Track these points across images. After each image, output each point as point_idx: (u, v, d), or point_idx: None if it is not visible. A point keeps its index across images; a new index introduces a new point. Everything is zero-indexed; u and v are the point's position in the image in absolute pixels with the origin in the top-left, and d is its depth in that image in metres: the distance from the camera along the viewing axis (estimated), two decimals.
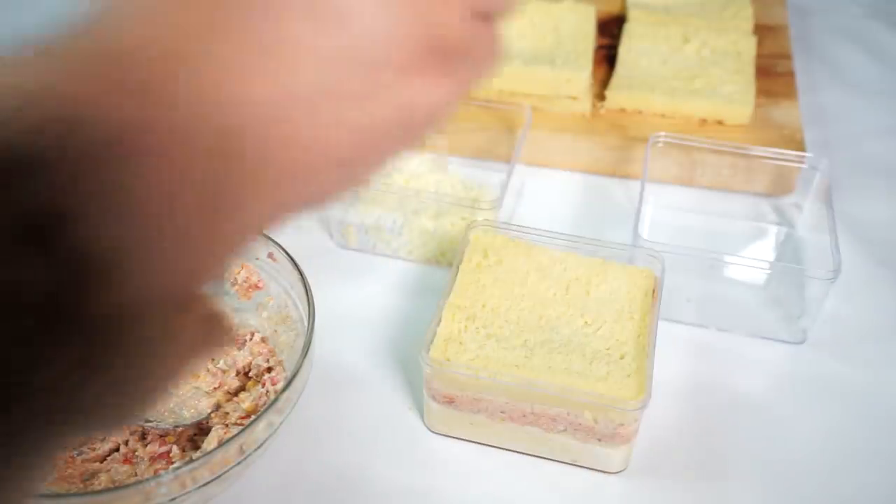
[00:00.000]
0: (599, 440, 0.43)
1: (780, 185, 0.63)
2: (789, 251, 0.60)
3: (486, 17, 0.24)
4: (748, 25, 0.74)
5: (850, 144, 0.70)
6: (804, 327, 0.53)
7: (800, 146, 0.64)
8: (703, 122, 0.66)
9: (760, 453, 0.46)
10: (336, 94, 0.21)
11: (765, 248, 0.60)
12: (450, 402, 0.45)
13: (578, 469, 0.45)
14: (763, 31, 0.76)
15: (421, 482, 0.45)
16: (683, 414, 0.48)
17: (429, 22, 0.22)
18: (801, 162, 0.60)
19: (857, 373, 0.51)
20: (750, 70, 0.68)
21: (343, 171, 0.22)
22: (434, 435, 0.47)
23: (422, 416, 0.48)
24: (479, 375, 0.42)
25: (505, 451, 0.46)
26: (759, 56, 0.71)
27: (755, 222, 0.62)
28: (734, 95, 0.66)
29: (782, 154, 0.60)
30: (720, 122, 0.66)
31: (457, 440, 0.47)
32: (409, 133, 0.23)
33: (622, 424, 0.42)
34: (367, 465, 0.46)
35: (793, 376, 0.51)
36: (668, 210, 0.63)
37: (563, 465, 0.45)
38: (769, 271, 0.54)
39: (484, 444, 0.46)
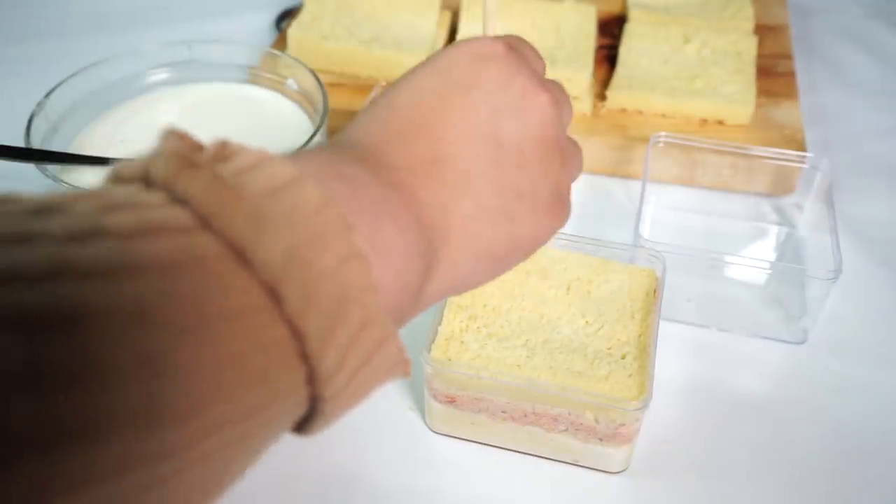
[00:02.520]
0: (600, 440, 0.43)
1: (781, 185, 0.63)
2: (790, 251, 0.60)
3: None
4: (749, 25, 0.74)
5: (851, 144, 0.70)
6: (805, 327, 0.53)
7: (800, 146, 0.64)
8: (704, 122, 0.66)
9: (761, 453, 0.46)
10: (502, 213, 0.30)
11: (765, 248, 0.60)
12: (451, 401, 0.45)
13: (579, 469, 0.45)
14: (763, 31, 0.76)
15: (421, 482, 0.45)
16: (684, 414, 0.48)
17: (557, 176, 0.33)
18: (802, 162, 0.60)
19: (857, 373, 0.51)
20: (750, 70, 0.68)
21: (496, 266, 0.31)
22: (435, 435, 0.47)
23: (422, 416, 0.48)
24: (481, 375, 0.42)
25: (506, 451, 0.46)
26: (760, 56, 0.71)
27: (756, 222, 0.62)
28: (735, 95, 0.66)
29: (783, 154, 0.60)
30: (721, 122, 0.66)
31: (458, 440, 0.47)
32: (534, 246, 0.33)
33: (623, 424, 0.42)
34: (368, 465, 0.46)
35: (793, 376, 0.51)
36: (668, 210, 0.63)
37: (564, 465, 0.45)
38: (770, 271, 0.54)
39: (485, 444, 0.46)
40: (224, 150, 0.23)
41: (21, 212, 0.20)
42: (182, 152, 0.22)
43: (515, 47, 0.33)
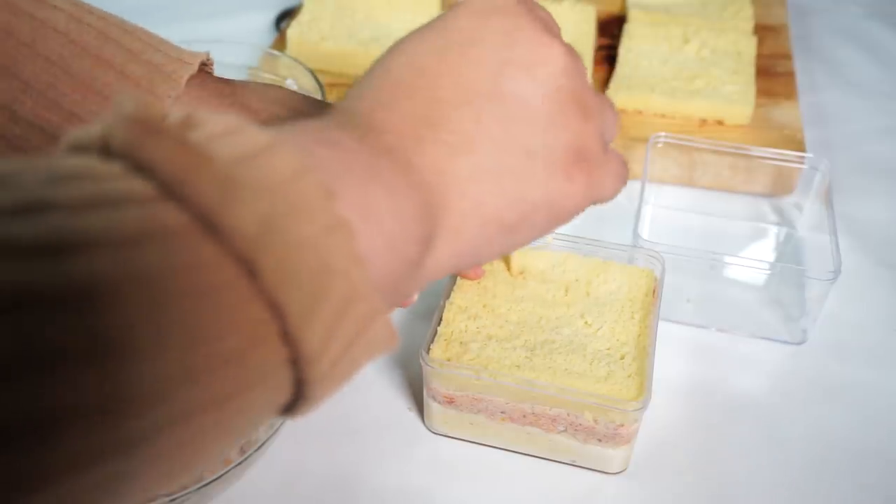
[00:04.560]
0: (600, 440, 0.43)
1: (781, 186, 0.63)
2: (789, 251, 0.60)
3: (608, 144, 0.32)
4: (748, 25, 0.74)
5: (851, 144, 0.70)
6: (804, 327, 0.53)
7: (800, 146, 0.64)
8: (704, 122, 0.66)
9: (760, 453, 0.47)
10: (508, 174, 0.28)
11: (765, 249, 0.60)
12: (450, 402, 0.45)
13: (579, 469, 0.45)
14: (763, 31, 0.76)
15: (421, 482, 0.45)
16: (684, 414, 0.48)
17: (577, 134, 0.29)
18: (802, 162, 0.60)
19: (857, 373, 0.51)
20: (750, 70, 0.68)
21: (506, 236, 0.29)
22: (434, 435, 0.47)
23: (422, 417, 0.48)
24: (480, 376, 0.42)
25: (505, 452, 0.46)
26: (760, 56, 0.71)
27: (755, 222, 0.62)
28: (734, 95, 0.66)
29: (782, 154, 0.60)
30: (720, 123, 0.66)
31: (457, 440, 0.47)
32: (552, 220, 0.30)
33: (622, 425, 0.42)
34: (367, 466, 0.46)
35: (793, 376, 0.51)
36: (668, 210, 0.63)
37: (563, 465, 0.45)
38: (769, 272, 0.54)
39: (484, 445, 0.46)
40: (192, 119, 0.21)
41: None
42: (144, 117, 0.20)
43: (525, 2, 0.31)
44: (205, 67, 0.38)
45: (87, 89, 0.35)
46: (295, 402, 0.22)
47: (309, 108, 0.41)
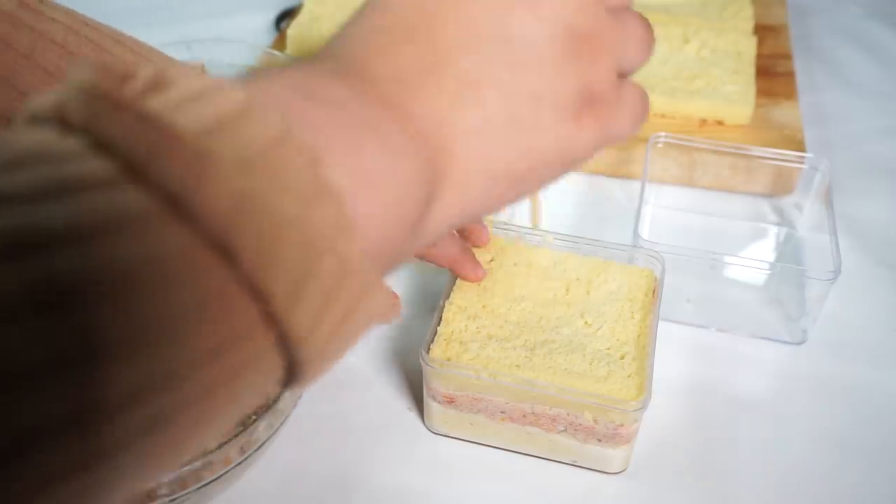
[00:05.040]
0: (599, 440, 0.43)
1: (781, 186, 0.63)
2: (789, 251, 0.60)
3: (626, 76, 0.30)
4: (748, 25, 0.74)
5: (851, 144, 0.70)
6: (804, 327, 0.53)
7: (800, 146, 0.64)
8: (703, 122, 0.66)
9: (760, 453, 0.47)
10: (516, 122, 0.26)
11: (765, 249, 0.60)
12: (450, 402, 0.45)
13: (578, 469, 0.45)
14: (763, 31, 0.76)
15: (421, 482, 0.45)
16: (683, 414, 0.48)
17: (587, 76, 0.27)
18: (802, 162, 0.60)
19: (857, 373, 0.51)
20: (750, 70, 0.68)
21: (515, 187, 0.27)
22: (434, 435, 0.47)
23: (422, 417, 0.48)
24: (480, 376, 0.42)
25: (505, 452, 0.46)
26: (760, 56, 0.71)
27: (755, 222, 0.62)
28: (734, 95, 0.66)
29: (782, 154, 0.60)
30: (720, 123, 0.66)
31: (457, 440, 0.47)
32: (564, 166, 0.28)
33: (622, 425, 0.42)
34: (367, 466, 0.46)
35: (793, 376, 0.51)
36: (668, 210, 0.63)
37: (563, 465, 0.45)
38: (769, 272, 0.54)
39: (484, 445, 0.46)
40: (158, 80, 0.19)
41: None
42: (104, 85, 0.18)
43: None
44: None
45: None
46: (290, 379, 0.21)
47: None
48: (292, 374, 0.21)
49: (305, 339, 0.20)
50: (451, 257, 0.47)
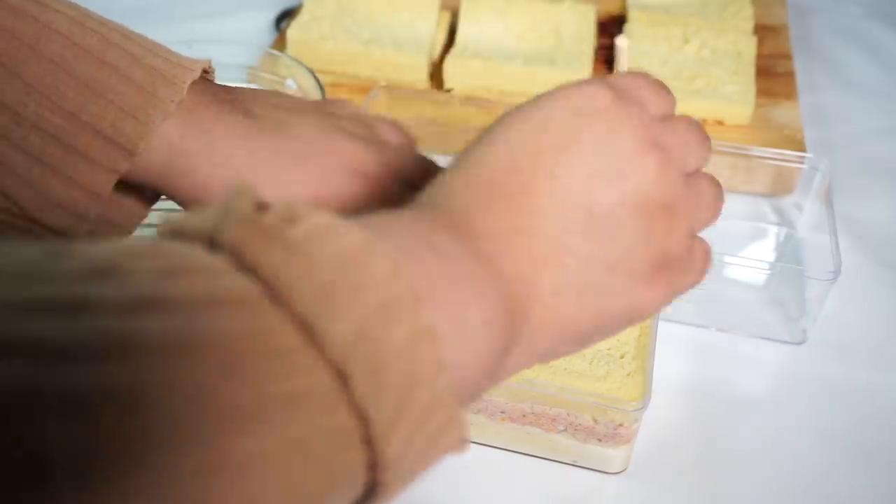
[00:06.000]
0: (599, 440, 0.43)
1: (781, 186, 0.63)
2: (789, 251, 0.60)
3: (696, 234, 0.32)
4: (748, 25, 0.74)
5: (851, 144, 0.70)
6: (804, 327, 0.53)
7: (800, 146, 0.64)
8: (703, 122, 0.66)
9: (760, 453, 0.46)
10: (591, 288, 0.27)
11: (765, 249, 0.60)
12: None
13: (578, 469, 0.45)
14: (763, 31, 0.76)
15: (421, 483, 0.45)
16: (683, 414, 0.48)
17: (663, 244, 0.29)
18: (802, 162, 0.60)
19: (857, 373, 0.51)
20: (750, 70, 0.68)
21: (576, 342, 0.29)
22: None
23: None
24: None
25: (505, 452, 0.46)
26: (760, 56, 0.71)
27: (755, 222, 0.62)
28: (734, 96, 0.66)
29: (782, 154, 0.60)
30: (720, 123, 0.66)
31: None
32: (630, 323, 0.30)
33: (622, 425, 0.42)
34: None
35: (793, 376, 0.51)
36: None
37: (563, 465, 0.45)
38: (769, 271, 0.54)
39: (484, 445, 0.46)
40: (291, 212, 0.21)
41: (76, 272, 0.18)
42: (249, 213, 0.21)
43: (627, 94, 0.29)
44: (206, 75, 0.38)
45: (90, 92, 0.35)
46: (366, 498, 0.22)
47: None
48: (370, 493, 0.22)
49: (394, 464, 0.21)
50: None
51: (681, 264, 0.30)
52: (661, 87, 0.31)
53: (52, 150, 0.34)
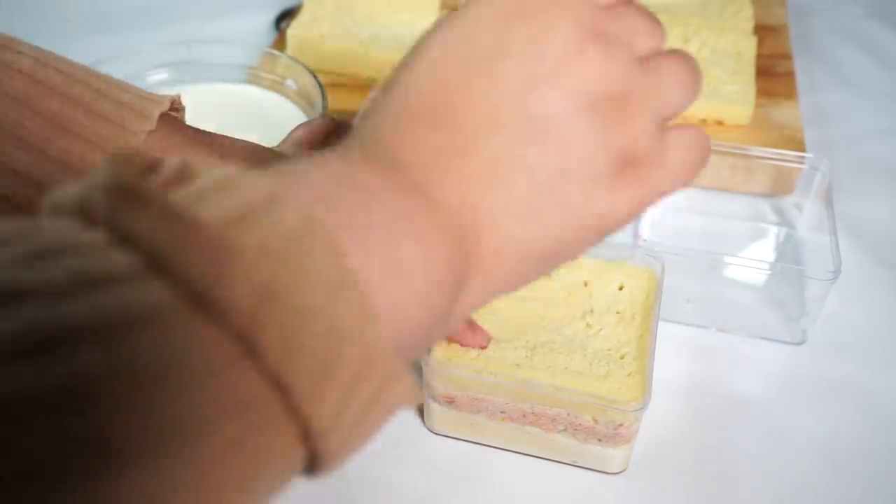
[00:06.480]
0: (600, 440, 0.43)
1: (781, 186, 0.63)
2: (789, 251, 0.60)
3: (667, 122, 0.28)
4: (748, 25, 0.74)
5: (851, 145, 0.70)
6: (804, 327, 0.53)
7: (800, 146, 0.64)
8: (703, 122, 0.66)
9: (760, 453, 0.47)
10: (545, 203, 0.25)
11: (765, 249, 0.60)
12: (450, 402, 0.45)
13: (579, 469, 0.45)
14: (763, 31, 0.76)
15: (421, 483, 0.45)
16: (684, 414, 0.48)
17: (620, 141, 0.26)
18: (802, 162, 0.60)
19: (857, 373, 0.51)
20: (750, 70, 0.68)
21: (541, 264, 0.27)
22: (434, 435, 0.47)
23: (422, 417, 0.48)
24: (480, 376, 0.42)
25: (505, 452, 0.46)
26: (760, 56, 0.71)
27: (755, 222, 0.62)
28: (734, 96, 0.66)
29: (782, 154, 0.60)
30: (720, 123, 0.66)
31: (457, 440, 0.47)
32: (599, 236, 0.27)
33: (622, 425, 0.42)
34: (367, 466, 0.46)
35: (793, 376, 0.51)
36: (668, 210, 0.63)
37: (563, 465, 0.45)
38: (769, 272, 0.54)
39: (484, 445, 0.46)
40: (184, 172, 0.19)
41: None
42: (126, 179, 0.18)
43: None
44: (175, 112, 0.38)
45: (54, 126, 0.34)
46: (312, 468, 0.21)
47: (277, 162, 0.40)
48: (314, 464, 0.20)
49: (327, 432, 0.19)
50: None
51: (653, 159, 0.27)
52: None
53: (18, 187, 0.34)
